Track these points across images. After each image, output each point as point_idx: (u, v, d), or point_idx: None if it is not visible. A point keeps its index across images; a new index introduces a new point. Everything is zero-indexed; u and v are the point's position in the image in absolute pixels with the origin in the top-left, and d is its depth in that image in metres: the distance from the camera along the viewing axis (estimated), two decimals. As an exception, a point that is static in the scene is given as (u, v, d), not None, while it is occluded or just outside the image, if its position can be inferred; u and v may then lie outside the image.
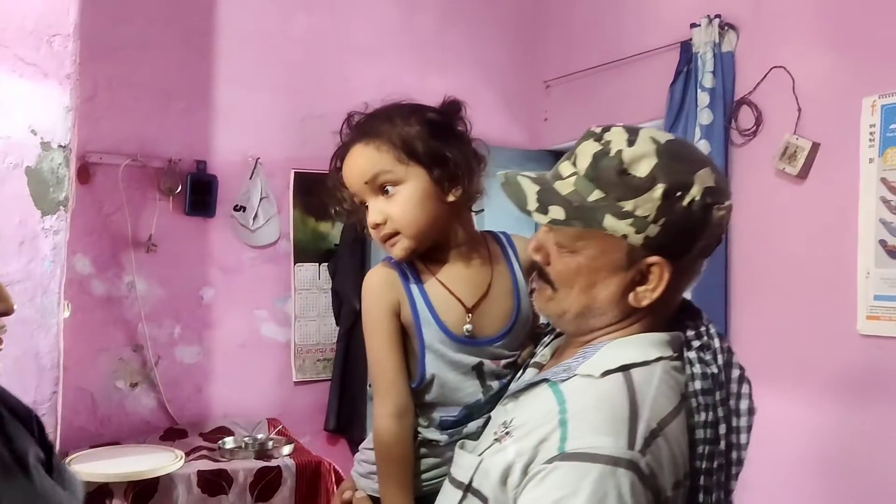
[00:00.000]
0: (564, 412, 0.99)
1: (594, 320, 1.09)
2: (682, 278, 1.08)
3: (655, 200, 1.00)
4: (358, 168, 1.24)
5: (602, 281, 1.06)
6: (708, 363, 1.06)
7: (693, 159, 1.05)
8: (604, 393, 1.01)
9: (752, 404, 1.07)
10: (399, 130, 1.24)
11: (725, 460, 1.05)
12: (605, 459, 0.93)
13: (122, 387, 3.22)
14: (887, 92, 2.43)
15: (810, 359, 2.64)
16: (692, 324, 1.11)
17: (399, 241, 1.22)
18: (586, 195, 1.04)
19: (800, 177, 2.67)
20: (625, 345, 1.07)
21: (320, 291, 3.62)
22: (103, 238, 3.18)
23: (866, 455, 2.47)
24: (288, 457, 2.88)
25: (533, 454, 0.98)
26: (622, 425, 0.96)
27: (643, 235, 1.02)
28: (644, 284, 1.05)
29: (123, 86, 3.20)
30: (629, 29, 3.45)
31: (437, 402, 1.25)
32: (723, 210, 1.04)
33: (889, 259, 2.41)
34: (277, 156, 3.51)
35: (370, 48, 3.70)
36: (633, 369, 1.03)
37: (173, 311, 3.31)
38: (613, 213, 1.02)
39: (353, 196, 1.27)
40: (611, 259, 1.05)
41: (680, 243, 1.03)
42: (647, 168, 1.01)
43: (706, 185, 1.02)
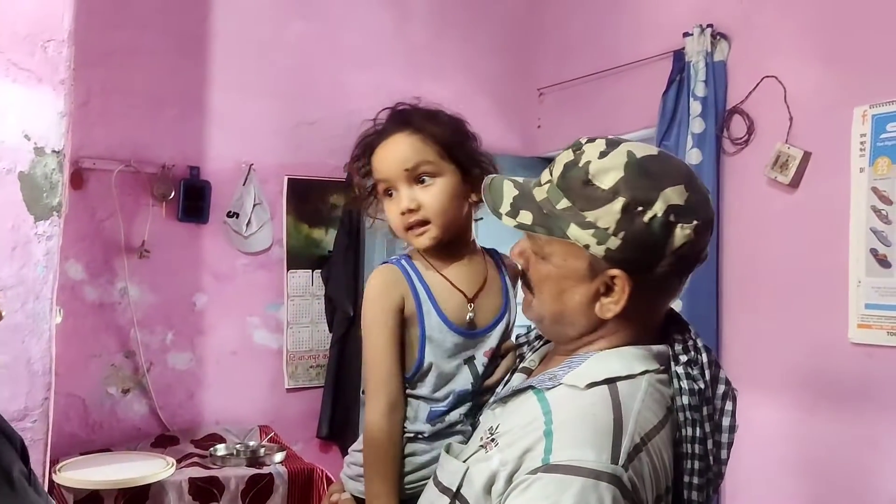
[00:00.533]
0: (550, 423, 1.00)
1: (569, 328, 1.11)
2: (651, 295, 1.08)
3: (615, 213, 1.01)
4: (401, 154, 1.29)
5: (569, 289, 1.08)
6: (695, 378, 1.07)
7: (665, 176, 1.03)
8: (588, 405, 1.01)
9: (735, 421, 1.08)
10: (444, 130, 1.31)
11: (713, 474, 1.07)
12: (588, 473, 0.94)
13: (113, 393, 3.21)
14: (878, 102, 2.45)
15: (802, 367, 2.65)
16: (680, 337, 1.11)
17: (428, 230, 1.29)
18: (556, 203, 1.06)
19: (791, 185, 2.69)
20: (610, 357, 1.08)
21: (313, 298, 3.62)
22: (96, 244, 3.17)
23: (856, 462, 2.48)
24: (280, 464, 2.87)
25: (518, 464, 0.99)
26: (606, 439, 0.97)
27: (604, 247, 1.02)
28: (609, 296, 1.06)
29: (117, 91, 3.20)
30: (622, 37, 3.47)
31: (428, 393, 1.29)
32: (687, 229, 1.02)
33: (880, 268, 2.42)
34: (271, 162, 3.51)
35: (364, 55, 3.71)
36: (618, 382, 1.04)
37: (166, 317, 3.31)
38: (578, 223, 1.03)
39: (379, 183, 1.32)
40: (575, 268, 1.06)
41: (641, 258, 1.03)
42: (612, 181, 1.02)
43: (671, 202, 1.02)
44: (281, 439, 3.21)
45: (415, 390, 1.29)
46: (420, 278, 1.30)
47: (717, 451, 1.07)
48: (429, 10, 3.87)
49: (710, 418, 1.07)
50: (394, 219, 1.31)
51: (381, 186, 1.33)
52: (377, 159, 1.33)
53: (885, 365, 2.41)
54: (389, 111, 1.38)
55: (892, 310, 2.38)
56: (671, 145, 3.03)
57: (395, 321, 1.27)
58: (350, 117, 3.59)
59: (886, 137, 2.42)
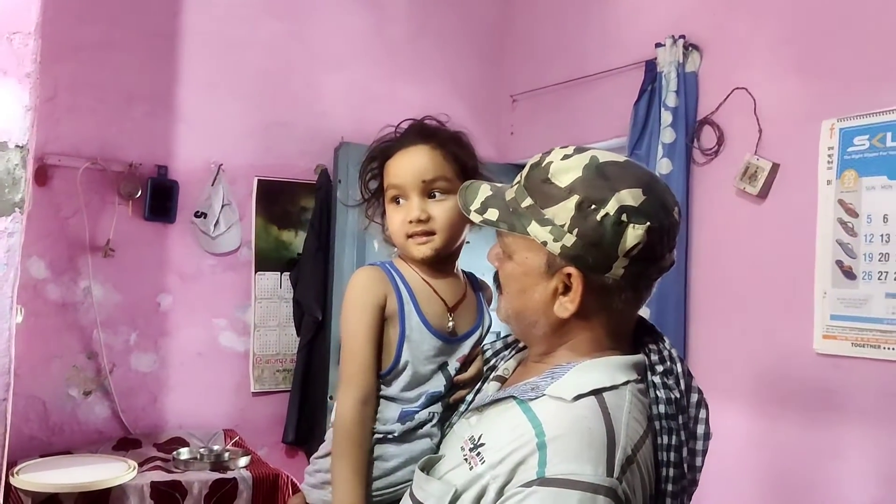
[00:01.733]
0: (542, 435, 1.00)
1: (532, 328, 1.14)
2: (609, 298, 1.08)
3: (570, 210, 1.05)
4: (422, 166, 1.31)
5: (530, 287, 1.11)
6: (671, 388, 1.09)
7: (622, 180, 1.05)
8: (580, 418, 1.02)
9: (709, 429, 1.10)
10: (464, 151, 1.35)
11: (688, 482, 1.08)
12: (586, 486, 0.95)
13: (75, 395, 3.15)
14: (846, 115, 2.48)
15: (767, 376, 2.67)
16: (654, 347, 1.13)
17: (431, 240, 1.31)
18: (521, 202, 1.10)
19: (760, 197, 2.72)
20: (593, 368, 1.09)
21: (281, 301, 3.58)
22: (60, 242, 3.12)
23: (820, 472, 2.50)
24: (244, 469, 2.84)
25: (509, 476, 0.99)
26: (601, 452, 0.98)
27: (560, 244, 1.05)
28: (566, 295, 1.09)
29: (85, 87, 3.15)
30: (595, 47, 3.49)
31: (400, 393, 1.29)
32: (639, 229, 1.03)
33: (845, 279, 2.46)
34: (241, 162, 3.48)
35: (338, 57, 3.69)
36: (604, 393, 1.05)
37: (130, 317, 3.25)
38: (537, 220, 1.07)
39: (389, 188, 1.33)
40: (534, 265, 1.10)
41: (595, 256, 1.05)
42: (569, 180, 1.06)
43: (624, 203, 1.03)
44: (246, 444, 3.17)
45: (388, 389, 1.30)
46: (403, 281, 1.32)
47: (691, 458, 1.09)
48: (405, 13, 3.87)
49: (686, 427, 1.09)
50: (397, 225, 1.33)
51: (391, 192, 1.33)
52: (394, 165, 1.33)
53: (850, 375, 2.44)
54: (415, 122, 1.38)
55: (857, 321, 2.41)
56: (642, 154, 3.05)
57: (377, 317, 1.28)
58: (322, 119, 3.63)
59: (853, 151, 2.46)
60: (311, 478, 1.37)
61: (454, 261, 1.39)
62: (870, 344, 2.38)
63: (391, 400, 1.29)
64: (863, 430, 2.40)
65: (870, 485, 2.38)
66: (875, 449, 2.37)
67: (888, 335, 2.34)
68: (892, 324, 2.34)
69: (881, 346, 2.36)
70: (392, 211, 1.34)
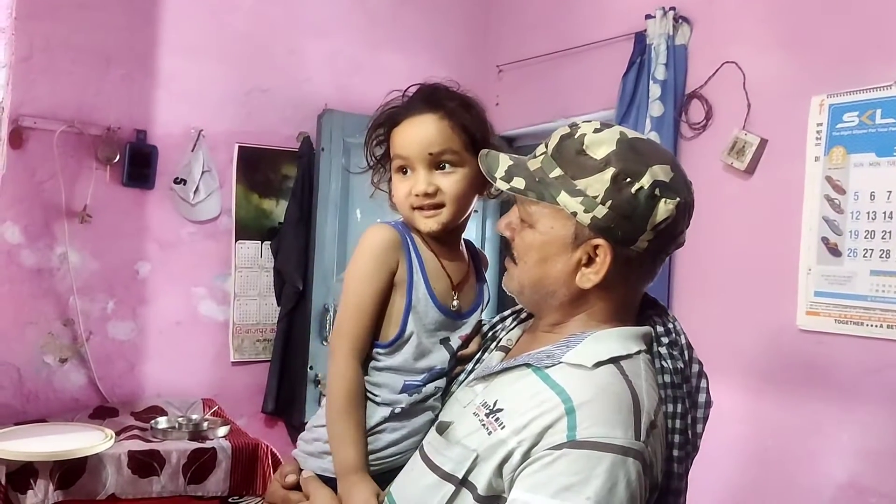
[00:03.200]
0: (570, 401, 1.02)
1: (549, 298, 1.14)
2: (630, 270, 1.11)
3: (605, 182, 1.06)
4: (427, 137, 1.26)
5: (552, 257, 1.11)
6: (676, 358, 1.13)
7: (652, 155, 1.09)
8: (605, 384, 1.04)
9: (710, 398, 1.15)
10: (474, 122, 1.29)
11: (691, 447, 1.13)
12: (617, 449, 0.98)
13: (50, 362, 3.10)
14: (835, 92, 2.47)
15: (751, 351, 2.68)
16: (660, 320, 1.17)
17: (439, 214, 1.27)
18: (549, 172, 1.10)
19: (747, 172, 2.70)
20: (608, 337, 1.11)
21: (262, 270, 3.54)
22: (35, 206, 3.05)
23: (802, 447, 2.52)
24: (223, 438, 2.81)
25: (536, 440, 1.01)
26: (629, 416, 1.02)
27: (591, 215, 1.06)
28: (590, 266, 1.10)
29: (61, 47, 3.07)
30: (584, 17, 3.45)
31: (403, 364, 1.26)
32: (670, 204, 1.07)
33: (830, 256, 2.45)
34: (221, 128, 3.41)
35: (321, 23, 3.62)
36: (622, 361, 1.08)
37: (107, 285, 3.20)
38: (567, 190, 1.08)
39: (395, 158, 1.29)
40: (560, 235, 1.10)
41: (625, 229, 1.07)
42: (604, 152, 1.07)
43: (657, 178, 1.06)
44: (225, 413, 3.15)
45: (391, 359, 1.26)
46: (416, 250, 1.28)
47: (693, 425, 1.13)
48: (389, -21, 3.79)
49: (689, 395, 1.13)
50: (402, 197, 1.28)
51: (397, 163, 1.29)
52: (399, 134, 1.28)
53: (833, 352, 2.45)
54: (422, 87, 1.32)
55: (841, 298, 2.42)
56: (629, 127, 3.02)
57: (386, 283, 1.25)
58: (305, 86, 3.57)
59: (842, 127, 2.44)
60: (309, 445, 1.32)
61: (460, 233, 1.36)
62: (853, 321, 2.39)
63: (395, 371, 1.26)
64: (844, 406, 2.41)
65: (849, 460, 2.40)
66: (856, 424, 2.39)
67: (871, 312, 2.35)
68: (876, 301, 2.34)
69: (864, 323, 2.36)
70: (398, 180, 1.29)
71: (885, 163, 2.34)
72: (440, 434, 1.14)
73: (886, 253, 2.33)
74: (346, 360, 1.24)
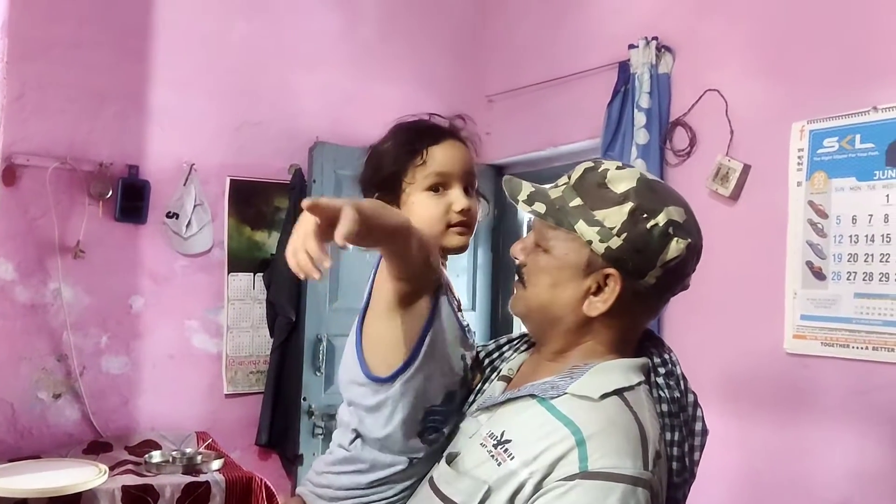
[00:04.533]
0: (580, 432, 1.05)
1: (556, 323, 1.17)
2: (636, 303, 1.15)
3: (623, 215, 1.10)
4: (468, 160, 1.34)
5: (564, 282, 1.15)
6: (672, 388, 1.17)
7: (669, 197, 1.15)
8: (613, 416, 1.08)
9: (705, 426, 1.19)
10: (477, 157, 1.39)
11: (689, 474, 1.16)
12: (628, 479, 1.01)
13: (44, 398, 3.10)
14: (816, 118, 2.51)
15: (739, 376, 2.70)
16: (656, 351, 1.21)
17: (468, 234, 1.33)
18: (569, 201, 1.15)
19: (731, 198, 2.74)
20: (611, 369, 1.14)
21: (254, 302, 3.56)
22: (28, 243, 3.07)
23: (791, 470, 2.53)
24: (217, 472, 2.81)
25: (548, 471, 1.04)
26: (637, 447, 1.05)
27: (605, 245, 1.11)
28: (598, 295, 1.14)
29: (54, 86, 3.11)
30: (570, 48, 3.50)
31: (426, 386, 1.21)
32: (682, 243, 1.11)
33: (815, 280, 2.48)
34: (213, 162, 3.45)
35: (310, 56, 3.67)
36: (625, 392, 1.11)
37: (100, 319, 3.21)
38: (585, 219, 1.12)
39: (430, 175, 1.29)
40: (574, 261, 1.14)
41: (636, 262, 1.11)
42: (624, 188, 1.12)
43: (672, 217, 1.12)
44: (219, 446, 3.15)
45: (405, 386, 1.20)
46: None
47: (691, 453, 1.17)
48: (379, 12, 3.85)
49: (686, 424, 1.17)
50: (436, 212, 1.29)
51: (433, 179, 1.29)
52: (443, 152, 1.31)
53: (819, 375, 2.47)
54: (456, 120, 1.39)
55: (827, 321, 2.44)
56: (615, 155, 3.06)
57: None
58: (296, 119, 3.61)
59: (823, 153, 2.49)
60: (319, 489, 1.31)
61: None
62: (839, 343, 2.41)
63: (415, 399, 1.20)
64: (831, 428, 2.43)
65: (839, 482, 2.41)
66: (844, 446, 2.40)
67: (856, 335, 2.37)
68: (860, 323, 2.37)
69: (850, 346, 2.39)
70: (428, 198, 1.29)
71: (865, 187, 2.38)
72: (449, 465, 1.15)
73: (869, 275, 2.36)
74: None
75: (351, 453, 1.26)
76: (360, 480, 1.25)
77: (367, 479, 1.25)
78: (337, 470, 1.28)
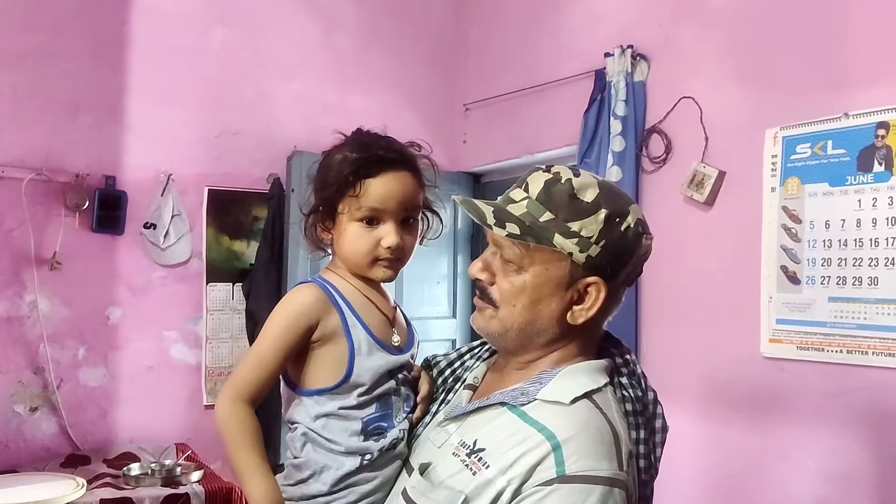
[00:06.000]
0: (554, 437, 1.06)
1: (536, 337, 1.18)
2: (612, 303, 1.19)
3: (599, 223, 1.12)
4: (407, 194, 1.30)
5: (545, 298, 1.15)
6: (634, 387, 1.19)
7: (625, 196, 1.19)
8: (586, 419, 1.09)
9: (665, 422, 1.20)
10: (428, 179, 1.36)
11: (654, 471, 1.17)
12: (605, 481, 1.03)
13: (20, 411, 3.07)
14: (789, 124, 2.55)
15: (716, 379, 2.72)
16: (616, 351, 1.23)
17: (396, 266, 1.33)
18: (538, 216, 1.14)
19: (707, 203, 2.77)
20: (578, 372, 1.16)
21: (233, 312, 3.54)
22: (3, 255, 3.04)
23: (768, 474, 2.56)
24: (197, 483, 2.80)
25: (525, 477, 1.05)
26: (611, 448, 1.07)
27: (585, 255, 1.12)
28: (580, 304, 1.16)
29: (29, 96, 3.08)
30: (546, 56, 3.53)
31: (354, 404, 1.27)
32: (650, 240, 1.17)
33: (790, 284, 2.52)
34: (191, 172, 3.43)
35: (288, 65, 3.67)
36: (594, 395, 1.13)
37: (77, 331, 3.19)
38: (561, 232, 1.12)
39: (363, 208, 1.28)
40: (555, 276, 1.14)
41: (614, 265, 1.14)
42: (593, 195, 1.13)
43: (638, 216, 1.16)
44: (199, 457, 3.13)
45: (339, 402, 1.27)
46: (342, 297, 1.30)
47: (654, 450, 1.18)
48: (356, 22, 3.86)
49: (648, 421, 1.18)
50: (364, 246, 1.29)
51: (366, 213, 1.28)
52: (378, 186, 1.27)
53: (795, 378, 2.50)
54: (400, 146, 1.32)
55: (802, 325, 2.48)
56: (592, 163, 3.09)
57: (300, 340, 1.27)
58: (274, 128, 3.61)
59: (796, 159, 2.52)
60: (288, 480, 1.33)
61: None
62: (814, 347, 2.45)
63: (345, 415, 1.27)
64: (808, 431, 2.46)
65: (815, 484, 2.44)
66: (819, 448, 2.43)
67: (831, 338, 2.41)
68: (835, 327, 2.40)
69: (824, 349, 2.42)
70: (359, 230, 1.29)
71: (838, 192, 2.42)
72: (422, 475, 1.14)
73: (843, 280, 2.40)
74: (232, 401, 1.28)
75: (303, 458, 1.28)
76: (319, 488, 1.26)
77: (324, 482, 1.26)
78: (294, 481, 1.29)
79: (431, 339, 3.75)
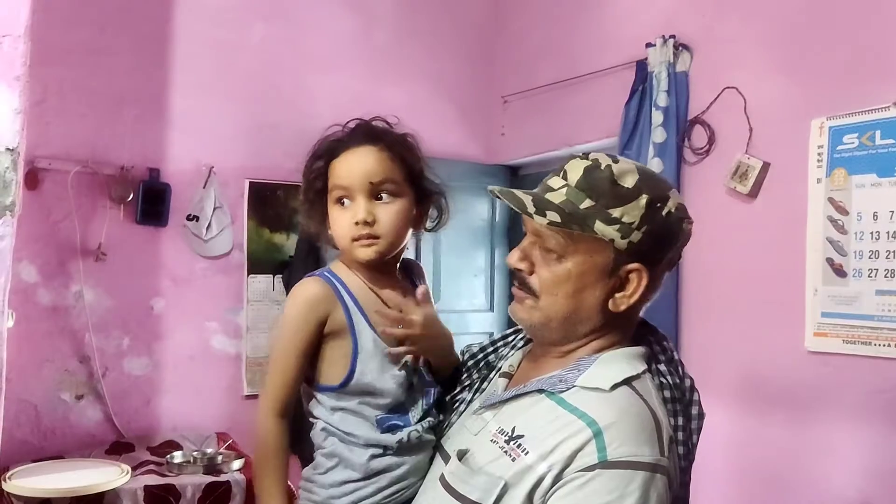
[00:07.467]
0: (595, 423, 1.06)
1: (580, 326, 1.17)
2: (652, 289, 1.18)
3: (641, 208, 1.11)
4: (368, 167, 1.28)
5: (589, 286, 1.15)
6: (672, 374, 1.18)
7: (664, 180, 1.19)
8: (626, 405, 1.10)
9: (702, 409, 1.19)
10: (412, 155, 1.33)
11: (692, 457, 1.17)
12: (647, 466, 1.03)
13: (67, 399, 3.13)
14: (835, 114, 2.50)
15: (759, 374, 2.68)
16: (653, 338, 1.22)
17: (376, 244, 1.29)
18: (578, 203, 1.13)
19: (750, 195, 2.73)
20: (616, 359, 1.16)
21: (273, 303, 3.58)
22: (50, 246, 3.10)
23: (812, 469, 2.51)
24: (238, 472, 2.83)
25: (567, 463, 1.05)
26: (653, 434, 1.07)
27: (627, 241, 1.11)
28: (622, 291, 1.15)
29: (75, 90, 3.14)
30: (586, 47, 3.50)
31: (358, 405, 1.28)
32: (690, 224, 1.17)
33: (836, 277, 2.47)
34: (232, 165, 3.47)
35: (327, 59, 3.69)
36: (633, 381, 1.13)
37: (122, 321, 3.24)
38: (603, 219, 1.11)
39: (334, 189, 1.30)
40: (597, 263, 1.14)
41: (656, 251, 1.14)
42: (633, 181, 1.12)
43: (678, 201, 1.16)
44: (239, 447, 3.16)
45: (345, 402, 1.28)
46: (348, 292, 1.29)
47: (691, 436, 1.19)
48: (393, 15, 3.87)
49: (686, 408, 1.19)
50: (342, 227, 1.30)
51: (337, 193, 1.30)
52: (340, 165, 1.30)
53: (841, 372, 2.45)
54: (361, 122, 1.36)
55: (848, 318, 2.43)
56: (633, 154, 3.06)
57: (314, 336, 1.27)
58: (313, 121, 3.56)
59: (843, 149, 2.47)
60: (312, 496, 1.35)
61: (396, 263, 1.38)
62: (860, 341, 2.40)
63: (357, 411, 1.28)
64: (853, 427, 2.41)
65: (860, 481, 2.39)
66: (865, 444, 2.38)
67: (878, 332, 2.35)
68: (882, 320, 2.35)
69: (871, 343, 2.37)
70: (337, 212, 1.31)
71: (887, 183, 2.37)
72: (460, 461, 1.14)
73: (891, 272, 2.34)
74: (266, 418, 1.30)
75: (328, 449, 1.30)
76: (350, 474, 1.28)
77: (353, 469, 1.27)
78: (324, 469, 1.31)
79: (469, 333, 3.75)
